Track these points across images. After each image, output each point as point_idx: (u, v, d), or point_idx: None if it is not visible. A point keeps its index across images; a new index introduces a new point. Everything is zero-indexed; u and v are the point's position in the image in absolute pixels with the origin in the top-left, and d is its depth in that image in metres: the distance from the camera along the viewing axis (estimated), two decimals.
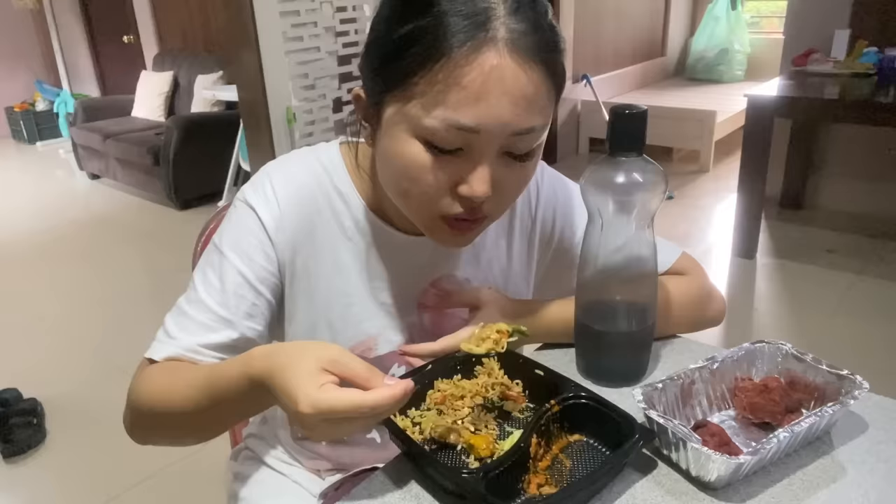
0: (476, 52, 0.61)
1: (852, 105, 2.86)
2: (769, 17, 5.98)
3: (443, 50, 0.61)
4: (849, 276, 2.97)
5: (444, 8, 0.62)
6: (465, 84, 0.61)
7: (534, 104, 0.64)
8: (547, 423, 0.66)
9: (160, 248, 3.76)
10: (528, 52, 0.62)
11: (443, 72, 0.61)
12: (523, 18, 0.63)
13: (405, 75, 0.64)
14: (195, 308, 0.74)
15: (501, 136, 0.64)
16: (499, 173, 0.67)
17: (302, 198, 0.78)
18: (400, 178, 0.69)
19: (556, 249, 0.89)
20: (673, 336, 0.89)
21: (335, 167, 0.80)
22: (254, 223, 0.76)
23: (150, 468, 1.99)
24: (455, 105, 0.62)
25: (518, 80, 0.62)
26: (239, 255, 0.75)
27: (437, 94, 0.62)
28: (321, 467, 0.92)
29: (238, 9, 2.54)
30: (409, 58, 0.63)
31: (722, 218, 3.69)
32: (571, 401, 0.68)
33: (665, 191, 0.71)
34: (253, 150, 2.91)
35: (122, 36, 5.85)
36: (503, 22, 0.62)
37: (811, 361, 0.72)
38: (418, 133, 0.65)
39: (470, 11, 0.61)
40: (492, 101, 0.62)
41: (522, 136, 0.65)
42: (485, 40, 0.61)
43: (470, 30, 0.61)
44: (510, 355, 0.75)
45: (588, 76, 4.76)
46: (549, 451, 0.67)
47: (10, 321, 2.99)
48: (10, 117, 6.44)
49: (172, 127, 4.17)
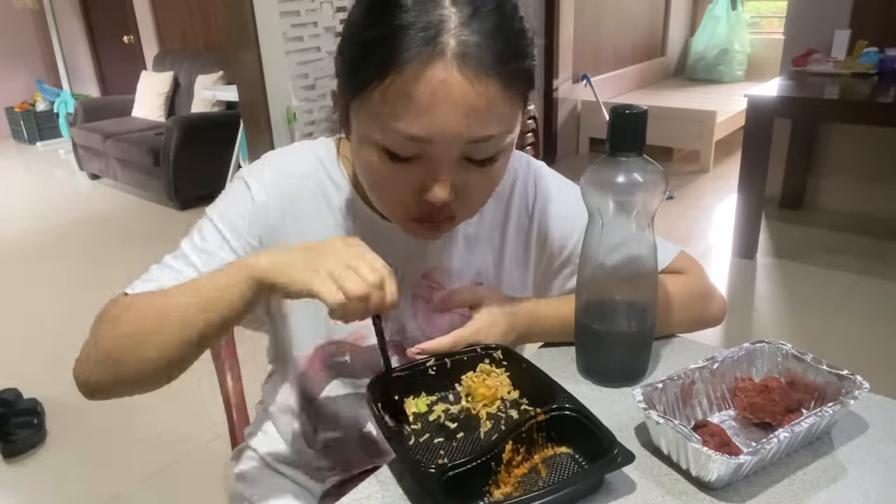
0: (425, 67, 0.61)
1: (852, 105, 2.86)
2: (769, 17, 5.98)
3: (395, 63, 0.61)
4: (849, 276, 2.97)
5: (402, 20, 0.61)
6: (415, 98, 0.62)
7: (488, 114, 0.64)
8: (530, 431, 0.66)
9: (160, 248, 3.73)
10: (478, 65, 0.62)
11: (394, 85, 0.62)
12: (478, 29, 0.62)
13: (364, 84, 0.64)
14: (180, 262, 0.76)
15: (456, 145, 0.65)
16: (461, 178, 0.68)
17: (294, 185, 0.80)
18: (367, 181, 0.72)
19: (555, 249, 0.89)
20: (673, 336, 0.89)
21: (330, 158, 0.82)
22: (245, 196, 0.79)
23: (150, 468, 1.99)
24: (406, 117, 0.63)
25: (466, 94, 0.62)
26: (224, 223, 0.78)
27: (389, 106, 0.63)
28: (322, 467, 0.92)
29: (238, 9, 2.54)
30: (367, 67, 0.64)
31: (722, 218, 3.69)
32: (557, 411, 0.67)
33: (665, 191, 0.71)
34: (253, 150, 2.91)
35: (122, 36, 5.85)
36: (454, 34, 0.61)
37: (811, 361, 0.72)
38: (376, 141, 0.66)
39: (424, 24, 0.61)
40: (441, 113, 0.62)
41: (480, 143, 0.65)
42: (433, 55, 0.61)
43: (421, 44, 0.61)
44: (513, 359, 0.75)
45: (588, 76, 4.76)
46: (529, 459, 0.66)
47: (11, 321, 2.99)
48: (10, 117, 6.44)
49: (172, 127, 4.17)
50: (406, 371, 0.74)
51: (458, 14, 0.62)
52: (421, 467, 0.60)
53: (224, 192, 0.82)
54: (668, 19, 5.67)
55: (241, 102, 2.84)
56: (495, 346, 0.77)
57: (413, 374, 0.74)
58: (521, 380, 0.74)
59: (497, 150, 0.68)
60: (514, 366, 0.75)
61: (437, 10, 0.62)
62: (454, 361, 0.76)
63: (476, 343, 0.77)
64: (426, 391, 0.75)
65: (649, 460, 0.66)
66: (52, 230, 4.12)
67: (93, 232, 4.11)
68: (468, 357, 0.76)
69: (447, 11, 0.62)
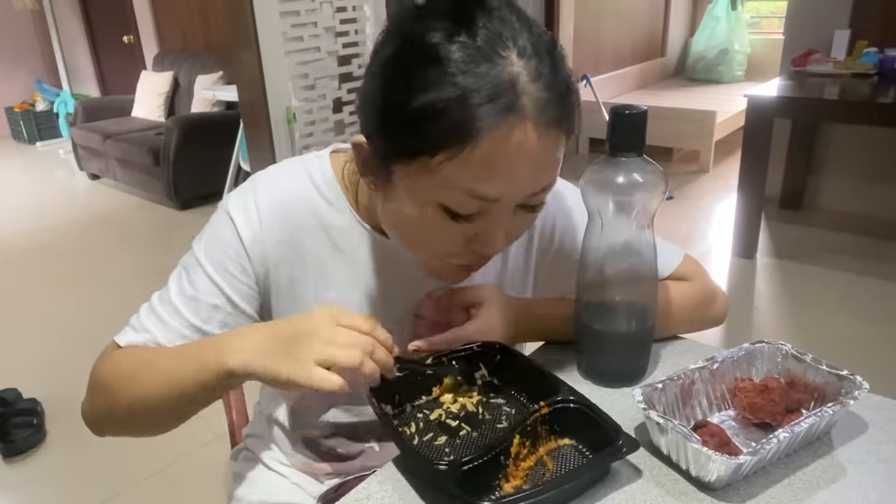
0: (509, 134, 0.58)
1: (852, 105, 2.86)
2: (769, 17, 5.99)
3: (470, 133, 0.57)
4: (849, 276, 2.97)
5: (467, 83, 0.57)
6: (497, 164, 0.59)
7: (551, 164, 0.64)
8: (534, 424, 0.66)
9: (160, 248, 3.75)
10: (549, 122, 0.60)
11: (471, 154, 0.58)
12: (546, 85, 0.59)
13: (424, 150, 0.60)
14: (167, 311, 0.74)
15: (520, 199, 0.65)
16: (513, 225, 0.68)
17: (287, 210, 0.76)
18: (410, 234, 0.69)
19: (556, 252, 0.89)
20: (673, 336, 0.89)
21: (325, 178, 0.78)
22: (230, 235, 0.75)
23: (150, 468, 1.99)
24: (479, 180, 0.60)
25: (541, 150, 0.61)
26: (214, 266, 0.74)
27: (464, 172, 0.60)
28: (320, 472, 0.92)
29: (238, 9, 2.54)
30: (429, 135, 0.59)
31: (722, 218, 3.69)
32: (560, 404, 0.68)
33: (665, 191, 0.71)
34: (253, 151, 2.91)
35: (122, 36, 5.85)
36: (528, 93, 0.58)
37: (811, 361, 0.72)
38: (436, 199, 0.63)
39: (494, 88, 0.57)
40: (517, 172, 0.61)
41: (540, 193, 0.66)
42: (514, 121, 0.58)
43: (499, 112, 0.57)
44: (510, 355, 0.76)
45: (588, 76, 4.76)
46: (534, 452, 0.67)
47: (10, 321, 2.99)
48: (10, 117, 6.44)
49: (172, 127, 4.17)
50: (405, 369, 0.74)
51: (526, 68, 0.58)
52: (434, 465, 0.60)
53: (209, 224, 0.78)
54: (668, 19, 5.67)
55: (241, 102, 2.84)
56: (493, 344, 0.77)
57: (412, 373, 0.74)
58: (518, 376, 0.74)
59: (548, 193, 0.67)
60: (514, 362, 0.75)
61: (504, 67, 0.58)
62: (452, 359, 0.76)
63: (475, 341, 0.77)
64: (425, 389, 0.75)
65: (649, 460, 0.66)
66: (51, 230, 4.12)
67: (92, 232, 4.11)
68: (466, 354, 0.76)
69: (516, 68, 0.58)
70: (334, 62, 2.86)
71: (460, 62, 0.57)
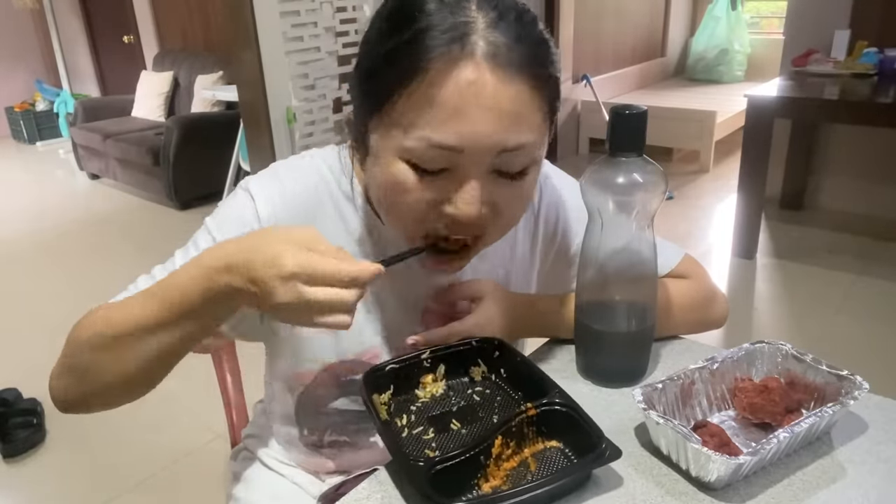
0: (453, 67, 0.59)
1: (852, 106, 2.86)
2: (769, 17, 5.99)
3: (419, 67, 0.59)
4: (849, 276, 2.97)
5: (423, 24, 0.60)
6: (442, 101, 0.59)
7: (521, 120, 0.62)
8: (520, 425, 0.66)
9: (160, 248, 3.74)
10: (508, 65, 0.60)
11: (420, 89, 0.60)
12: (506, 31, 0.60)
13: (385, 96, 0.62)
14: (165, 269, 0.74)
15: (488, 155, 0.62)
16: (492, 193, 0.65)
17: (309, 198, 0.76)
18: (386, 198, 0.67)
19: (559, 247, 0.89)
20: (673, 336, 0.89)
21: (340, 171, 0.79)
22: (249, 212, 0.74)
23: (150, 468, 1.99)
24: (434, 124, 0.60)
25: (497, 96, 0.60)
26: (224, 235, 0.73)
27: (415, 114, 0.60)
28: (321, 469, 0.92)
29: (238, 9, 2.55)
30: (388, 77, 0.61)
31: (722, 218, 3.69)
32: (546, 406, 0.67)
33: (665, 191, 0.71)
34: (253, 150, 2.91)
35: (122, 36, 5.85)
36: (482, 35, 0.60)
37: (811, 362, 0.72)
38: (402, 154, 0.63)
39: (448, 26, 0.59)
40: (471, 117, 0.59)
41: (512, 153, 0.63)
42: (462, 55, 0.59)
43: (446, 44, 0.59)
44: (509, 353, 0.76)
45: (588, 76, 4.76)
46: (519, 453, 0.66)
47: (11, 321, 2.99)
48: (10, 117, 6.44)
49: (172, 127, 4.17)
50: (401, 363, 0.74)
51: (484, 18, 0.60)
52: (410, 460, 0.60)
53: (225, 199, 0.78)
54: (668, 19, 5.67)
55: (241, 102, 2.84)
56: (492, 339, 0.76)
57: (409, 366, 0.74)
58: (515, 374, 0.74)
59: (529, 161, 0.65)
60: (511, 359, 0.75)
61: (461, 14, 0.60)
62: (449, 353, 0.76)
63: (473, 335, 0.77)
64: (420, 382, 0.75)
65: (649, 460, 0.66)
66: (51, 230, 4.12)
67: (92, 232, 4.11)
68: (464, 349, 0.76)
69: (473, 14, 0.60)
70: (334, 62, 2.86)
71: (426, 13, 0.60)
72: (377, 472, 0.67)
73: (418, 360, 0.75)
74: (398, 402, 0.74)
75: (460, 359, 0.76)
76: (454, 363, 0.76)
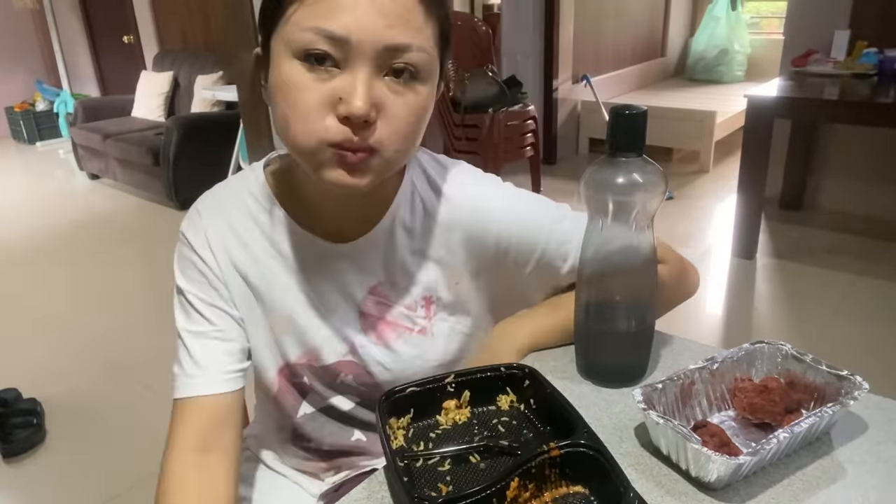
0: None
1: (852, 106, 2.86)
2: (769, 17, 5.99)
3: None
4: (849, 276, 2.97)
5: None
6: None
7: (405, 20, 0.64)
8: (541, 467, 0.60)
9: (160, 248, 3.75)
10: None
11: None
12: None
13: (282, 8, 0.65)
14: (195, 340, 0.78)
15: (373, 48, 0.63)
16: (381, 95, 0.65)
17: (223, 209, 0.81)
18: (284, 106, 0.67)
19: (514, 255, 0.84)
20: (672, 336, 0.89)
21: (259, 185, 0.81)
22: (191, 253, 0.79)
23: (151, 468, 1.98)
24: (324, 14, 0.63)
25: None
26: (193, 285, 0.78)
27: (307, 10, 0.63)
28: (319, 470, 0.92)
29: (238, 9, 2.54)
30: None
31: (722, 218, 3.70)
32: (570, 448, 0.60)
33: (665, 191, 0.71)
34: (253, 151, 2.91)
35: (122, 36, 5.85)
36: None
37: (811, 362, 0.72)
38: (294, 50, 0.65)
39: None
40: (359, 10, 0.62)
41: (397, 52, 0.64)
42: None
43: None
44: (539, 383, 0.71)
45: (588, 76, 4.76)
46: (539, 496, 0.60)
47: (10, 321, 3.00)
48: (10, 117, 6.44)
49: (172, 127, 4.17)
50: (422, 386, 0.70)
51: None
52: (411, 497, 0.55)
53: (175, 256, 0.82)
54: (668, 19, 5.67)
55: (241, 102, 2.84)
56: (522, 367, 0.72)
57: (431, 391, 0.70)
58: (546, 406, 0.69)
59: (416, 64, 0.66)
60: (538, 390, 0.70)
61: None
62: (475, 379, 0.72)
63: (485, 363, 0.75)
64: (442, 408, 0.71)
65: (649, 461, 0.66)
66: (51, 230, 4.12)
67: (93, 232, 4.11)
68: (492, 374, 0.72)
69: None
70: None
71: None
72: (377, 472, 0.67)
73: (441, 384, 0.70)
74: (417, 428, 0.69)
75: (487, 385, 0.72)
76: (480, 389, 0.71)
